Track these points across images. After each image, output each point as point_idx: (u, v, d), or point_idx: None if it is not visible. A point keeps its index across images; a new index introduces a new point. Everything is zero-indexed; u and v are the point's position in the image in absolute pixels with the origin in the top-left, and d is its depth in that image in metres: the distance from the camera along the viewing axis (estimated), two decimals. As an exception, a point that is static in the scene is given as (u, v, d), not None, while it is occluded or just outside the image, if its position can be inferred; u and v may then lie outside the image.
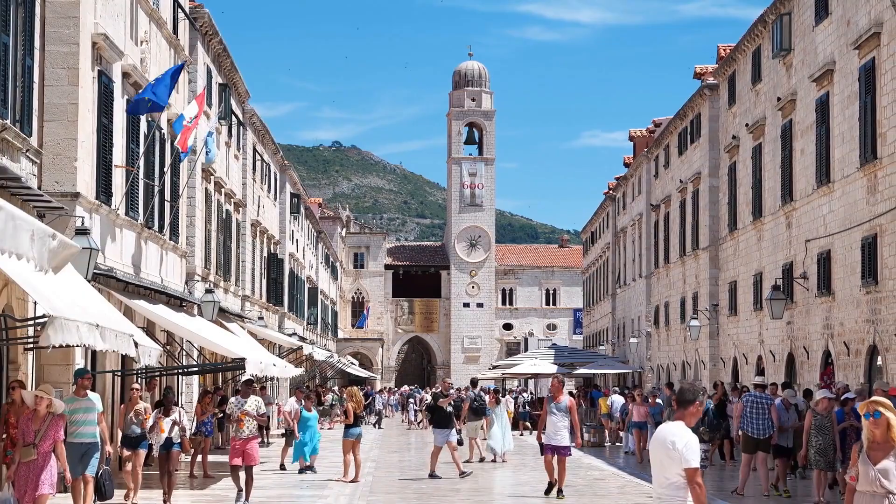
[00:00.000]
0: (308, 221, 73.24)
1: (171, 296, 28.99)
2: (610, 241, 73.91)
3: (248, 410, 21.51)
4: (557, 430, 23.21)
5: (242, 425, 21.47)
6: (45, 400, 15.25)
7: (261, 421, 22.28)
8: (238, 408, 21.67)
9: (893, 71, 26.44)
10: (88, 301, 15.49)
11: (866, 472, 10.98)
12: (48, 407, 15.23)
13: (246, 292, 45.07)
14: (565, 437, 23.20)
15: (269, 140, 53.07)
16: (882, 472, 10.88)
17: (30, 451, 14.95)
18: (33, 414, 15.25)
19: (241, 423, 21.48)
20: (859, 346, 28.69)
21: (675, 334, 52.32)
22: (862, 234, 28.41)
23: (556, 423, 23.25)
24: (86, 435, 17.86)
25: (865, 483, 10.99)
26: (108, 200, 23.92)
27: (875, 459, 10.97)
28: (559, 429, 23.21)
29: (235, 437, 21.63)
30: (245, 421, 21.44)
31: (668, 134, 54.13)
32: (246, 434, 21.47)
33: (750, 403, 24.17)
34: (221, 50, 38.50)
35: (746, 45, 39.58)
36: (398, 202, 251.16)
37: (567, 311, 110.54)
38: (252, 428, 21.55)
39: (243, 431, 21.47)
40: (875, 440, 11.00)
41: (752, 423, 24.01)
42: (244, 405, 21.62)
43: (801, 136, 33.73)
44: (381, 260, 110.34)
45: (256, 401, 21.84)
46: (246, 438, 21.43)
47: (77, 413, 17.69)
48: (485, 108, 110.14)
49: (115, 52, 23.92)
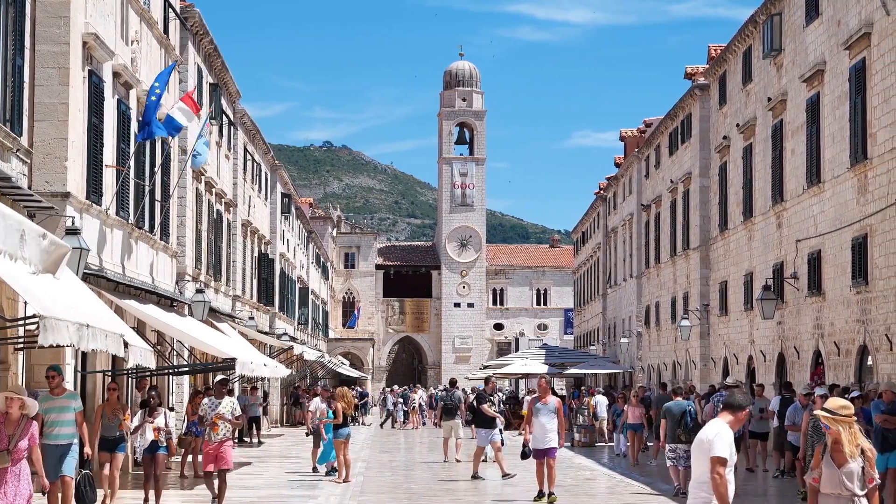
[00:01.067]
0: (299, 221, 73.20)
1: (161, 296, 28.96)
2: (601, 241, 73.95)
3: (223, 413, 20.43)
4: (546, 433, 22.30)
5: (217, 429, 20.38)
6: (16, 401, 14.22)
7: (235, 424, 20.94)
8: (212, 410, 20.55)
9: (884, 71, 26.48)
10: (79, 301, 15.46)
11: (831, 474, 10.82)
12: (21, 408, 14.22)
13: (236, 292, 45.04)
14: (553, 439, 22.30)
15: (260, 140, 53.03)
16: (847, 475, 10.74)
17: (4, 458, 13.93)
18: (5, 417, 14.18)
19: (214, 426, 20.39)
20: (850, 346, 28.73)
21: (666, 334, 52.36)
22: (852, 235, 28.45)
23: (544, 426, 22.33)
24: (62, 436, 17.14)
25: (830, 485, 10.82)
26: (98, 200, 23.88)
27: (839, 461, 10.81)
28: (547, 431, 22.29)
29: (208, 441, 20.55)
30: (219, 424, 20.35)
31: (658, 134, 54.18)
32: (220, 437, 20.40)
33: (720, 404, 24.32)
34: (212, 49, 38.47)
35: (737, 45, 39.62)
36: (389, 202, 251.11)
37: (558, 311, 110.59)
38: (226, 431, 20.50)
39: (217, 435, 20.40)
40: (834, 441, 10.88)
41: None
42: (218, 407, 20.53)
43: (792, 137, 33.77)
44: (371, 260, 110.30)
45: (231, 402, 20.80)
46: (219, 442, 20.36)
47: (51, 412, 17.03)
48: (476, 108, 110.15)
49: (105, 52, 23.88)
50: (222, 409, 20.47)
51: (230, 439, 20.67)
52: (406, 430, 56.92)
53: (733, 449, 9.80)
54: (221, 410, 20.44)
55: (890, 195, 25.99)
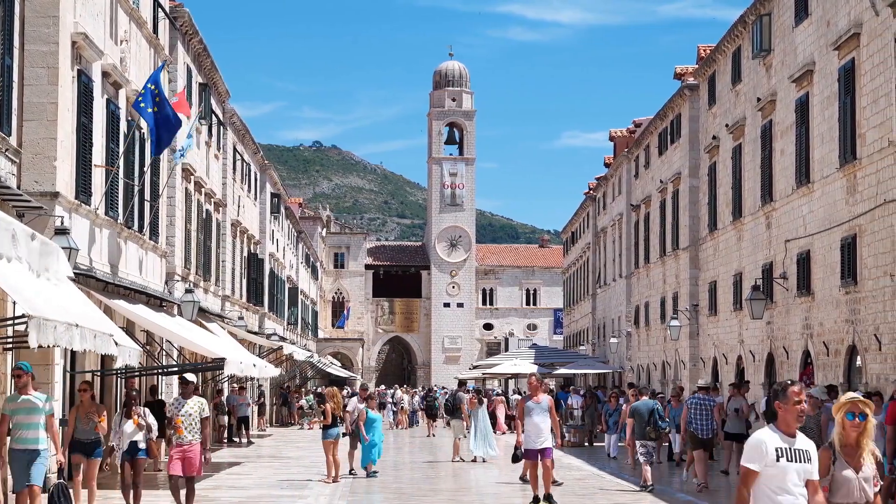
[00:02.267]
0: (288, 221, 73.17)
1: (150, 296, 28.94)
2: (590, 241, 73.96)
3: (192, 414, 18.76)
4: (539, 433, 21.21)
5: (181, 431, 18.67)
6: None
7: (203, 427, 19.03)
8: (177, 410, 18.91)
9: (873, 72, 26.51)
10: (69, 301, 15.43)
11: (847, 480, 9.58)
12: None
13: (226, 292, 45.01)
14: (548, 439, 21.27)
15: (250, 140, 53.00)
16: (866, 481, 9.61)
17: None
18: None
19: (179, 428, 18.70)
20: (839, 346, 28.77)
21: (655, 334, 52.38)
22: (841, 235, 28.48)
23: (537, 425, 21.24)
24: (29, 440, 15.93)
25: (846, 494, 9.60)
26: (87, 200, 23.86)
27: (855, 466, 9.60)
28: (541, 431, 21.21)
29: (173, 444, 18.81)
30: (185, 426, 18.66)
31: (648, 134, 54.20)
32: (187, 440, 18.67)
33: (694, 405, 25.88)
34: (201, 49, 38.44)
35: (726, 45, 39.65)
36: (378, 202, 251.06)
37: (547, 311, 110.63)
38: (195, 433, 18.75)
39: (184, 437, 18.65)
40: (849, 444, 9.66)
41: (698, 423, 25.68)
42: (184, 407, 18.86)
43: (781, 137, 33.81)
44: (361, 260, 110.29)
45: (199, 403, 19.01)
46: (188, 445, 18.65)
47: (18, 414, 15.91)
48: (465, 108, 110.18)
49: (94, 52, 23.86)
50: (189, 408, 18.80)
51: (199, 444, 18.88)
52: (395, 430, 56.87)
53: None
54: (189, 411, 18.76)
55: (879, 195, 26.03)
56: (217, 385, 41.12)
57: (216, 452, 36.46)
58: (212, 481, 26.46)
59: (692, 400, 26.30)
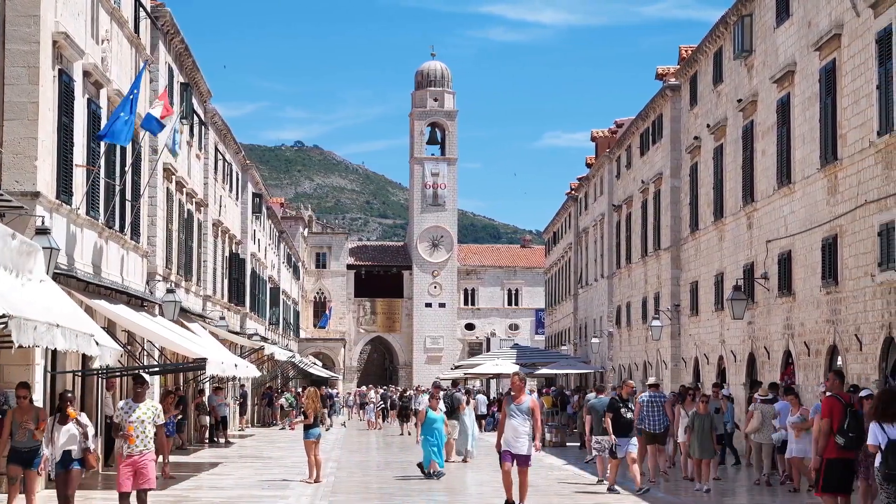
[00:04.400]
0: (270, 221, 73.08)
1: (132, 296, 28.87)
2: (572, 242, 74.03)
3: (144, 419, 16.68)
4: (518, 436, 20.00)
5: (132, 440, 16.54)
6: None
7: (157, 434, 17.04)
8: (127, 416, 16.70)
9: (854, 72, 26.58)
10: (50, 300, 15.38)
11: None
12: None
13: (207, 292, 44.93)
14: (525, 445, 20.04)
15: (231, 140, 52.92)
16: None
17: None
18: None
19: (129, 437, 16.55)
20: (819, 346, 28.84)
21: (637, 334, 52.45)
22: (822, 235, 28.55)
23: (516, 428, 20.02)
24: None
25: None
26: (68, 200, 23.79)
27: None
28: (520, 434, 20.01)
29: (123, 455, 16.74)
30: (136, 434, 16.57)
31: (630, 135, 54.28)
32: (138, 450, 16.59)
33: (647, 403, 27.11)
34: (183, 49, 38.36)
35: (708, 46, 39.72)
36: (360, 202, 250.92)
37: (529, 311, 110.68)
38: (147, 441, 16.68)
39: (135, 447, 16.56)
40: None
41: (650, 419, 26.95)
42: (135, 412, 16.73)
43: (763, 138, 33.87)
44: (343, 260, 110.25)
45: (153, 407, 16.94)
46: (139, 455, 16.59)
47: None
48: (447, 109, 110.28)
49: (75, 51, 23.79)
50: (141, 413, 16.72)
51: (152, 453, 16.85)
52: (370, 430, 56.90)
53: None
54: (141, 417, 16.69)
55: (860, 196, 26.10)
56: (199, 385, 41.04)
57: (197, 453, 36.43)
58: (192, 481, 26.43)
59: (644, 397, 27.39)
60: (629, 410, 24.96)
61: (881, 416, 15.53)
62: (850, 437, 17.42)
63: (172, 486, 25.11)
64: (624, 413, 24.76)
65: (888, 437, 15.37)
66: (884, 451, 15.37)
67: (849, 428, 17.46)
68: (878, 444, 15.43)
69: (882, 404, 15.70)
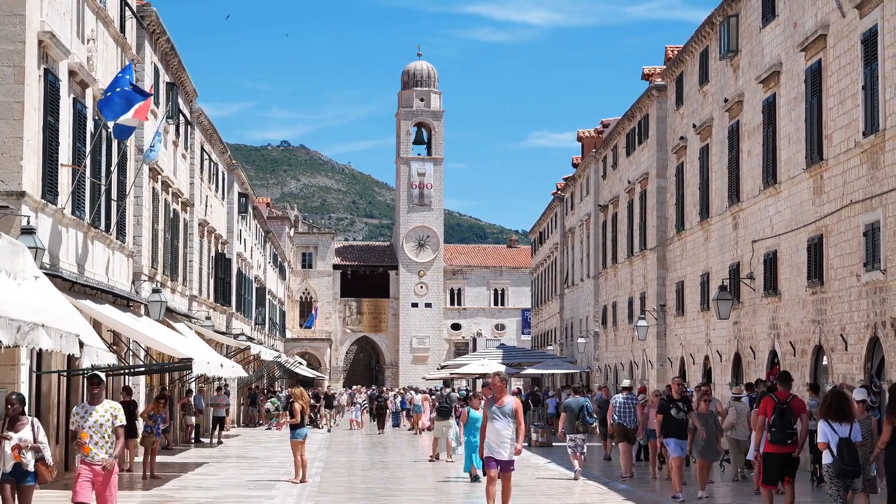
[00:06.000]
0: (256, 221, 72.99)
1: (117, 296, 28.81)
2: (558, 242, 74.06)
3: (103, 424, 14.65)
4: (501, 441, 18.40)
5: (87, 449, 14.50)
6: None
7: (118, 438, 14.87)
8: (82, 420, 14.65)
9: (839, 73, 26.64)
10: (35, 300, 15.34)
11: None
12: None
13: (193, 292, 44.86)
14: (508, 450, 18.44)
15: (217, 139, 52.84)
16: None
17: None
18: None
19: (84, 445, 14.54)
20: (805, 346, 28.89)
21: (623, 334, 52.49)
22: (808, 235, 28.60)
23: (499, 432, 18.40)
24: None
25: None
26: (54, 199, 23.74)
27: None
28: (503, 439, 18.39)
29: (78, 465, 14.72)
30: (93, 440, 14.56)
31: (616, 135, 54.30)
32: (97, 458, 14.52)
33: (620, 404, 29.02)
34: (169, 49, 38.29)
35: (694, 46, 39.77)
36: (347, 202, 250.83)
37: (515, 311, 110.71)
38: (107, 448, 14.62)
39: (92, 455, 14.56)
40: None
41: (625, 417, 28.66)
42: (92, 416, 14.67)
43: (748, 138, 33.92)
44: (329, 260, 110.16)
45: (112, 409, 14.79)
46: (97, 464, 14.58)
47: None
48: (433, 109, 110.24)
49: (61, 51, 23.74)
50: (99, 416, 14.68)
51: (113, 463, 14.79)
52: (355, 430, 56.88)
53: None
54: (99, 420, 14.66)
55: (845, 196, 26.16)
56: (185, 385, 40.99)
57: (182, 453, 36.37)
58: (178, 482, 26.40)
59: (619, 399, 29.21)
60: (680, 411, 23.45)
61: (830, 416, 16.60)
62: (773, 432, 18.71)
63: (158, 487, 25.09)
64: (675, 414, 23.36)
65: (838, 435, 16.43)
66: (837, 448, 16.40)
67: (773, 424, 18.74)
68: (827, 442, 16.48)
69: (831, 405, 16.75)
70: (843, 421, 16.54)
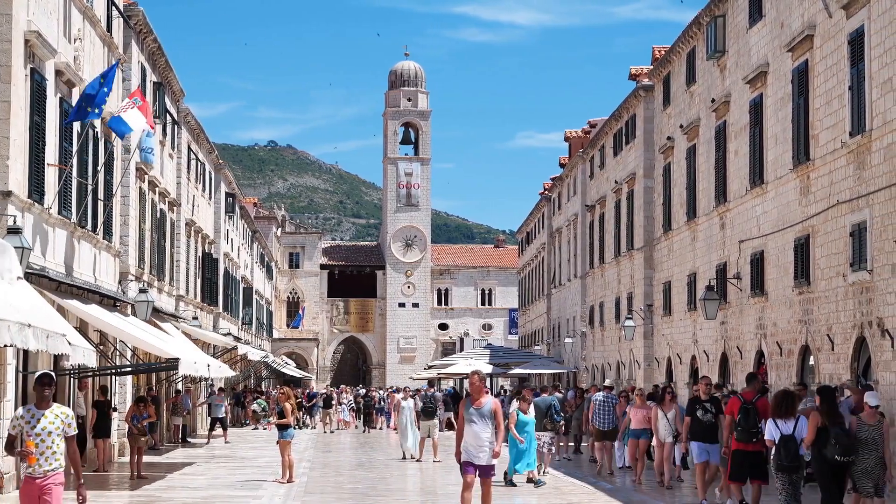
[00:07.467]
0: (243, 221, 72.93)
1: (104, 295, 28.76)
2: (545, 242, 74.08)
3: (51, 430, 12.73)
4: (480, 444, 16.98)
5: (33, 459, 12.60)
6: None
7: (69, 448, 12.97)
8: (28, 427, 12.72)
9: (826, 73, 26.68)
10: (22, 300, 15.31)
11: None
12: None
13: (180, 292, 44.81)
14: (487, 454, 17.03)
15: (204, 139, 52.78)
16: None
17: None
18: None
19: (29, 455, 12.62)
20: (792, 346, 28.93)
21: (610, 334, 52.52)
22: (795, 235, 28.64)
23: (478, 434, 17.00)
24: None
25: None
26: (40, 199, 23.69)
27: None
28: (482, 442, 16.98)
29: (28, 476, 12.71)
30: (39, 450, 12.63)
31: (603, 135, 54.33)
32: (42, 470, 12.63)
33: (600, 403, 28.93)
34: (156, 48, 38.25)
35: (681, 46, 39.80)
36: (334, 202, 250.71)
37: (502, 311, 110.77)
38: (53, 459, 12.68)
39: (37, 466, 12.61)
40: None
41: (600, 418, 28.70)
42: (39, 422, 12.73)
43: (735, 138, 33.96)
44: (316, 260, 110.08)
45: (62, 414, 12.89)
46: (42, 477, 12.62)
47: None
48: (421, 108, 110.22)
49: (48, 50, 23.69)
50: (48, 423, 12.77)
51: (60, 473, 12.85)
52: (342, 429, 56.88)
53: None
54: (48, 428, 12.74)
55: (832, 196, 26.20)
56: (173, 385, 40.94)
57: (169, 453, 36.32)
58: (165, 482, 26.36)
59: (598, 397, 29.23)
60: (707, 412, 22.03)
61: (777, 413, 17.30)
62: (739, 431, 19.65)
63: (145, 487, 25.06)
64: (702, 416, 22.02)
65: (781, 432, 17.10)
66: (777, 444, 17.14)
67: (738, 423, 19.69)
68: (773, 439, 17.21)
69: (776, 402, 17.47)
70: (787, 418, 17.19)
